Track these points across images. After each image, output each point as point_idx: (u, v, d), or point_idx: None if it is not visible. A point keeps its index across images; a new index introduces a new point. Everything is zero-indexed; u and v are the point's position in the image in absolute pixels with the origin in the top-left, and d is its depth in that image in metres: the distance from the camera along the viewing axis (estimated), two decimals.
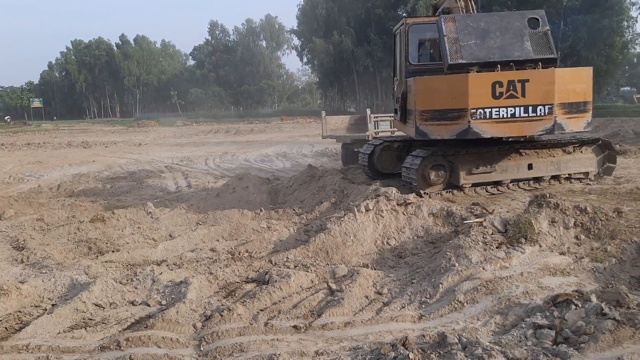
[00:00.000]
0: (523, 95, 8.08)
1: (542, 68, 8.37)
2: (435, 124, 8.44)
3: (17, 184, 16.93)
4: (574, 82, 8.38)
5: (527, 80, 8.08)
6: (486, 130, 8.23)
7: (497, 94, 8.06)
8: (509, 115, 8.15)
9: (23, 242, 8.69)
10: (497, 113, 8.13)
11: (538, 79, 8.15)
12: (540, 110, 8.14)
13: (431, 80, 8.58)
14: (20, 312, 6.01)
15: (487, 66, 8.43)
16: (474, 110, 8.12)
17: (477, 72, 8.36)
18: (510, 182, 9.32)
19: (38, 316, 5.81)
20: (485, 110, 8.12)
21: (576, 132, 8.84)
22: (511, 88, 8.04)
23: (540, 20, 8.64)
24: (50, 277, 6.79)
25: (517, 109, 8.12)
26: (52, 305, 6.15)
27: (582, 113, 8.44)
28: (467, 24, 8.59)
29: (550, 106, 8.15)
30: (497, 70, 8.30)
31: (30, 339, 5.24)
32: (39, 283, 6.61)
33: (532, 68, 8.38)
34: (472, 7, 9.98)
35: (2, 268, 7.39)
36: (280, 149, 26.88)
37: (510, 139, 9.69)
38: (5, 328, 5.63)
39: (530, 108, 8.14)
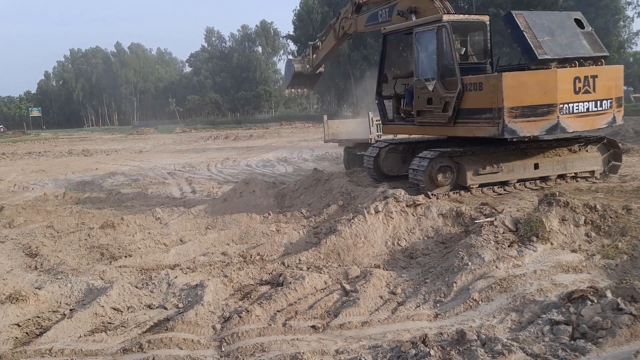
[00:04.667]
0: (594, 90, 8.46)
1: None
2: (524, 120, 8.38)
3: (22, 192, 16.97)
4: (620, 78, 9.00)
5: (597, 76, 8.48)
6: (569, 125, 8.45)
7: (577, 89, 8.35)
8: (584, 110, 8.48)
9: (35, 249, 8.75)
10: (577, 108, 8.42)
11: (605, 74, 8.65)
12: (605, 105, 8.62)
13: (520, 76, 8.54)
14: (38, 317, 6.07)
15: (562, 62, 8.64)
16: (562, 106, 8.31)
17: (558, 68, 8.55)
18: (517, 182, 9.40)
19: (57, 321, 5.87)
20: (569, 105, 8.37)
21: (619, 125, 9.35)
22: (586, 83, 8.38)
23: (583, 21, 9.01)
24: (66, 282, 6.85)
25: (590, 103, 8.50)
26: (71, 310, 6.21)
27: (621, 107, 9.00)
28: (534, 21, 8.73)
29: (610, 100, 8.66)
30: (575, 66, 8.57)
31: (52, 343, 5.30)
32: (55, 289, 6.67)
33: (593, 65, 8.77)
34: (449, 8, 10.08)
35: (17, 275, 7.47)
36: (280, 154, 26.94)
37: (514, 139, 9.82)
38: (26, 333, 5.69)
39: (598, 102, 8.57)
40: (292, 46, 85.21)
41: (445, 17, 9.30)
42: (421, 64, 9.87)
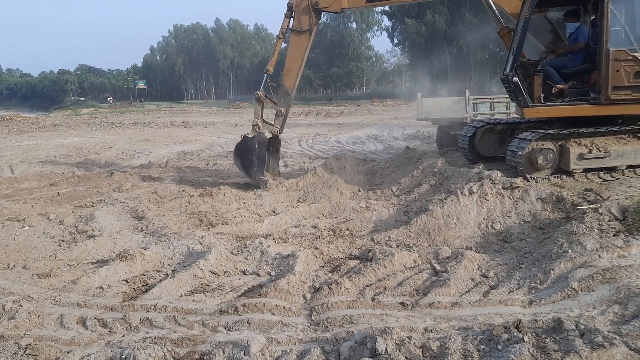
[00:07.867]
0: None
1: None
2: None
3: (129, 159, 18.23)
4: None
5: None
6: None
7: None
8: None
9: (142, 213, 9.37)
10: None
11: None
12: None
13: None
14: (144, 275, 6.53)
15: None
16: None
17: None
18: (626, 169, 8.77)
19: (161, 280, 6.29)
20: None
21: None
22: None
23: None
24: (169, 245, 7.32)
25: None
26: (173, 270, 6.64)
27: None
28: None
29: None
30: None
31: (156, 299, 5.70)
32: (159, 250, 7.15)
33: None
34: None
35: (125, 235, 8.07)
36: (371, 131, 26.77)
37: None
38: (134, 289, 6.16)
39: None
40: (387, 22, 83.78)
41: None
42: (620, 33, 8.86)
